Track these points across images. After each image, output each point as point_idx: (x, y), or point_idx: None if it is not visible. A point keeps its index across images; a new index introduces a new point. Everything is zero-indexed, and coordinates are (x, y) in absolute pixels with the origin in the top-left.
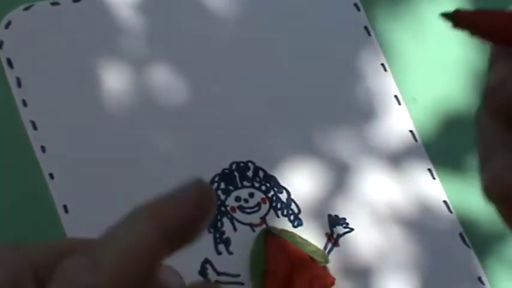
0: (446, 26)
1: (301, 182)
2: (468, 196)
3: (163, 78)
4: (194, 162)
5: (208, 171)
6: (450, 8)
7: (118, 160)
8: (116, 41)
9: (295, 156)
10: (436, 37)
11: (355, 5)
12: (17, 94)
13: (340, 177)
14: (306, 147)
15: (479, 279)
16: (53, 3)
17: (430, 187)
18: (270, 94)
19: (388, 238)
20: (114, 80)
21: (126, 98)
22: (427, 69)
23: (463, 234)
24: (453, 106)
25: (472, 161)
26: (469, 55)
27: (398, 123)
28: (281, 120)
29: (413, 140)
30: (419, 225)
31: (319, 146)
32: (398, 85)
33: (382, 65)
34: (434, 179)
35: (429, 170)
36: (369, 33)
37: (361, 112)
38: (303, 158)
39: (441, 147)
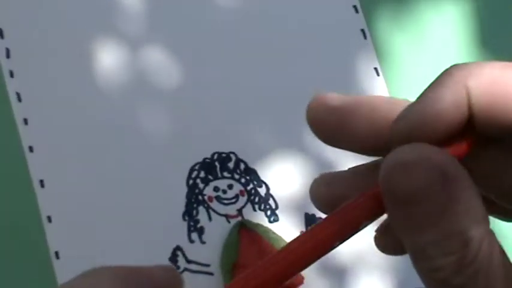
0: (447, 34)
1: (281, 178)
2: None
3: (156, 61)
4: (176, 148)
5: (189, 158)
6: (453, 15)
7: (100, 139)
8: (111, 18)
9: (278, 152)
10: (436, 45)
11: (354, 6)
12: (5, 64)
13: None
14: (290, 145)
15: None
16: None
17: None
18: (260, 88)
19: (364, 240)
20: (106, 57)
21: (116, 77)
22: (422, 77)
23: None
24: None
25: None
26: None
27: None
28: (268, 116)
29: None
30: None
31: (304, 145)
32: (390, 91)
33: (375, 69)
34: None
35: None
36: (365, 37)
37: None
38: (286, 154)
39: None
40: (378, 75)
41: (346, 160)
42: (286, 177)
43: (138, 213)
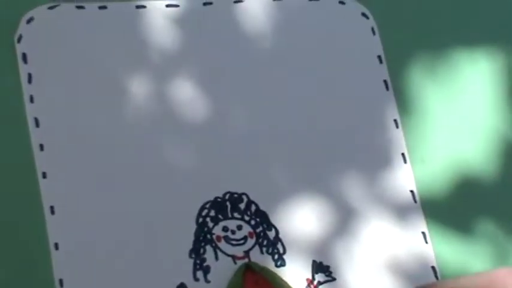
0: (477, 90)
1: (291, 222)
2: (457, 266)
3: (180, 96)
4: (189, 184)
5: (201, 196)
6: (488, 67)
7: (114, 170)
8: (137, 52)
9: (290, 196)
10: (462, 100)
11: (379, 57)
12: (26, 89)
13: (331, 225)
14: (303, 190)
15: None
16: (78, 7)
17: (421, 251)
18: (279, 130)
19: None
20: (131, 88)
21: (137, 109)
22: (446, 132)
23: None
24: (463, 176)
25: (468, 235)
26: (500, 125)
27: (400, 181)
28: (284, 158)
29: (412, 201)
30: None
31: (316, 190)
32: (408, 144)
33: (395, 121)
34: (426, 243)
35: (423, 233)
36: (387, 88)
37: (364, 163)
38: (298, 199)
39: (439, 213)
40: (397, 127)
41: (358, 214)
42: (298, 223)
43: (145, 247)
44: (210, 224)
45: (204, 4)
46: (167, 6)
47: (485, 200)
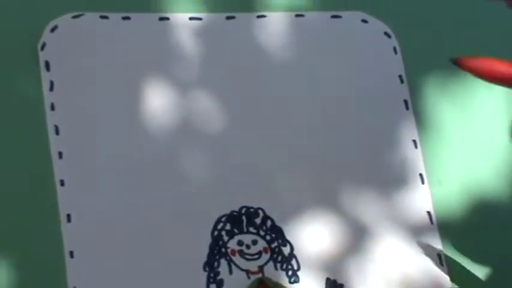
0: (496, 111)
1: (307, 239)
2: None
3: (201, 107)
4: (206, 197)
5: (217, 209)
6: (506, 92)
7: (132, 179)
8: (159, 63)
9: (307, 212)
10: (482, 121)
11: (400, 76)
12: (47, 97)
13: (347, 243)
14: (319, 207)
15: None
16: (102, 17)
17: (437, 273)
18: (297, 146)
19: None
20: (151, 101)
21: (158, 120)
22: (464, 154)
23: None
24: (481, 198)
25: (486, 258)
26: None
27: (417, 201)
28: (301, 175)
29: (429, 222)
30: None
31: (332, 209)
32: (426, 164)
33: (414, 141)
34: (442, 265)
35: (438, 255)
36: (407, 107)
37: (381, 183)
38: (315, 216)
39: (456, 235)
40: (416, 147)
41: (374, 233)
42: (313, 240)
43: (159, 258)
44: (225, 238)
45: (227, 18)
46: (190, 18)
47: (503, 223)
